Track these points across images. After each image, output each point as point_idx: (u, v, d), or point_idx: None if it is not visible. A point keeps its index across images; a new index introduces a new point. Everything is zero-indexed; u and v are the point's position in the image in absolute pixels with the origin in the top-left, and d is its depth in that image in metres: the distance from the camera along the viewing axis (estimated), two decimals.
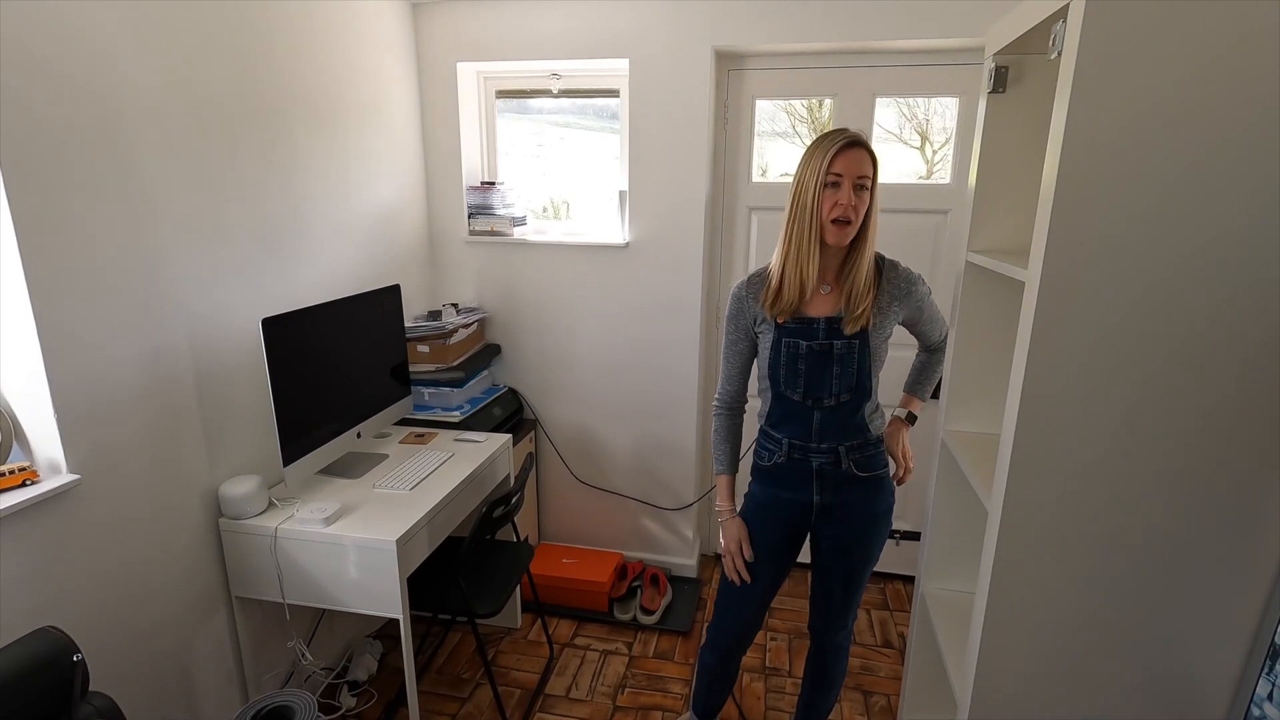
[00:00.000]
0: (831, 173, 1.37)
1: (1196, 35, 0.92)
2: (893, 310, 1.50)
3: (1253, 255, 0.98)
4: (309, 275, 2.09)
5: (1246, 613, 1.11)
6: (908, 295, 1.52)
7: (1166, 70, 0.94)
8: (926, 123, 2.55)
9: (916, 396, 1.75)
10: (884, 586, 2.82)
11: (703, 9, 2.34)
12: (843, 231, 1.40)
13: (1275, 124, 0.93)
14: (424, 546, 1.86)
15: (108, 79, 1.46)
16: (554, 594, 2.63)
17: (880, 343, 1.50)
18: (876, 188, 1.41)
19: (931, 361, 1.72)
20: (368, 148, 2.34)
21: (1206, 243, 0.99)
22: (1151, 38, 0.93)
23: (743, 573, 1.61)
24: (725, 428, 1.66)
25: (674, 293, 2.60)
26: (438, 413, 2.46)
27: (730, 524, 1.64)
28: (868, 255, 1.45)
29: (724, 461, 1.66)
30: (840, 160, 1.36)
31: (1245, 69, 0.93)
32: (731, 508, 1.65)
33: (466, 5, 2.51)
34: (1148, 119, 0.96)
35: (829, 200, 1.38)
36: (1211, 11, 0.91)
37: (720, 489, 1.66)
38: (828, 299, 1.49)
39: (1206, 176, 0.96)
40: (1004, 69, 1.42)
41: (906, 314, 1.55)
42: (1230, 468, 1.06)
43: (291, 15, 1.95)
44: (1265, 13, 0.90)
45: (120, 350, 1.53)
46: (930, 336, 1.66)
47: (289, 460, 1.78)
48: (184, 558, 1.72)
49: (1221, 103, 0.94)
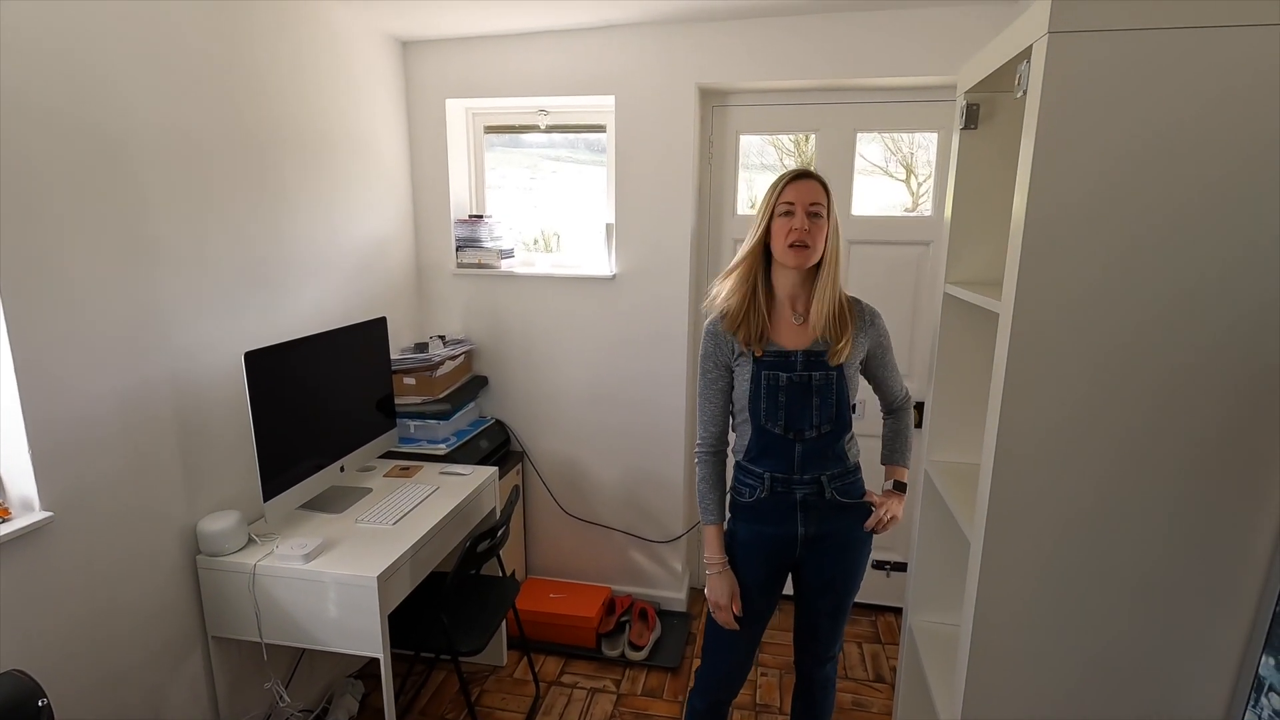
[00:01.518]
0: (783, 201, 1.44)
1: (1157, 76, 0.95)
2: (859, 341, 1.52)
3: (1224, 288, 0.99)
4: (295, 308, 2.09)
5: (1231, 645, 1.10)
6: (871, 326, 1.54)
7: (1129, 109, 0.97)
8: (912, 156, 2.61)
9: (897, 465, 1.66)
10: (875, 619, 2.79)
11: (686, 47, 2.39)
12: (802, 255, 1.44)
13: (1238, 158, 0.96)
14: (406, 582, 1.83)
15: (94, 113, 1.48)
16: (540, 630, 2.59)
17: (854, 373, 1.52)
18: (833, 218, 1.46)
19: (899, 426, 1.66)
20: (356, 183, 2.36)
21: (1177, 277, 1.00)
22: (1113, 78, 0.96)
23: (731, 625, 1.57)
24: (711, 475, 1.60)
25: (661, 325, 2.61)
26: (423, 445, 2.44)
27: (721, 578, 1.56)
28: (832, 282, 1.47)
29: (713, 511, 1.58)
30: (790, 190, 1.44)
31: (1205, 107, 0.95)
32: (723, 559, 1.57)
33: (455, 44, 2.56)
34: (1112, 155, 0.99)
35: (783, 227, 1.44)
36: (1171, 53, 0.94)
37: (710, 540, 1.57)
38: (801, 330, 1.50)
39: (1172, 212, 0.99)
40: (976, 106, 1.46)
41: (871, 347, 1.55)
42: (1209, 498, 1.06)
43: (282, 53, 1.99)
44: (1220, 53, 0.94)
45: (99, 386, 1.52)
46: (891, 388, 1.63)
47: (270, 495, 1.76)
48: (160, 597, 1.69)
49: (1184, 140, 0.97)
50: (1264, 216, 0.96)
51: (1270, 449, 1.02)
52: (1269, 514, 1.04)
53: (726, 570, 1.57)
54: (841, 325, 1.47)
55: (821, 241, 1.45)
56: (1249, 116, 0.94)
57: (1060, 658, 1.16)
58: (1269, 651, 1.04)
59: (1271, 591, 1.05)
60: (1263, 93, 0.93)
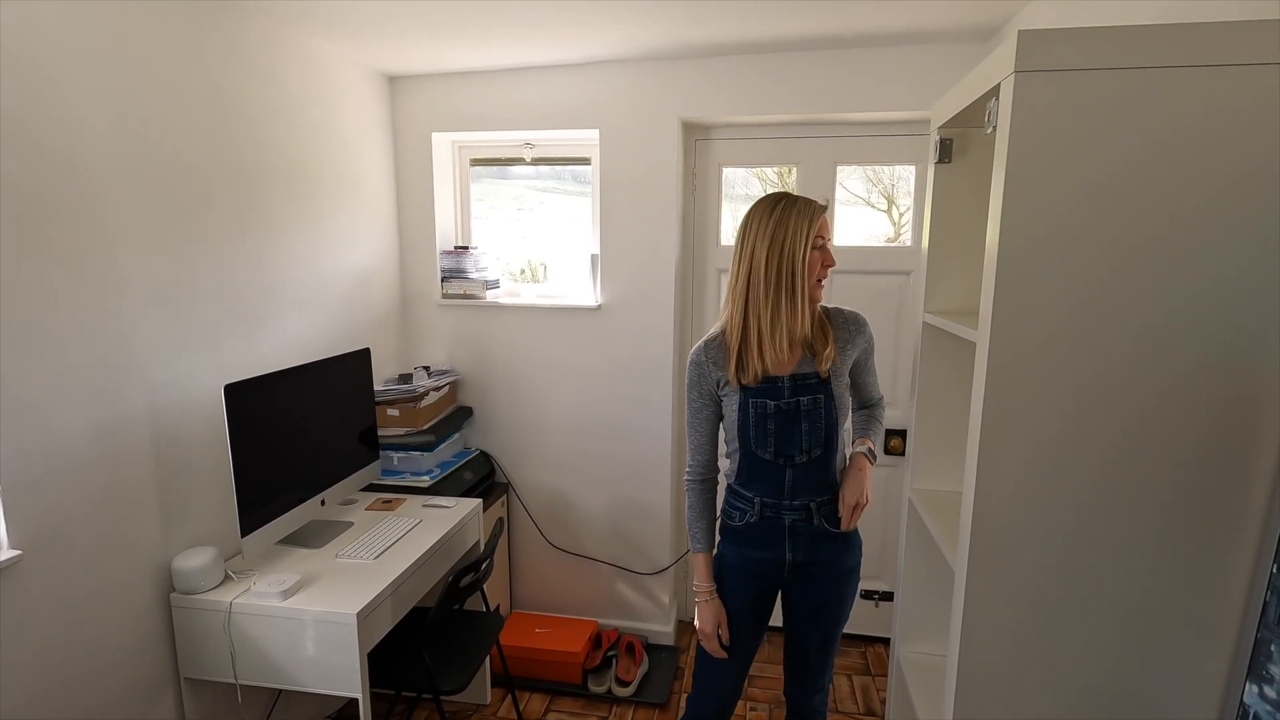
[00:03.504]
0: (820, 236, 1.44)
1: (1118, 113, 0.98)
2: (848, 350, 1.53)
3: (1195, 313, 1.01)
4: (278, 340, 2.08)
5: (1215, 673, 1.10)
6: (859, 333, 1.55)
7: (1094, 143, 1.00)
8: (893, 187, 2.66)
9: (868, 438, 1.64)
10: (865, 650, 2.76)
11: (669, 83, 2.44)
12: (822, 289, 1.48)
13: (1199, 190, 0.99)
14: (387, 619, 1.79)
15: (74, 142, 1.48)
16: (525, 666, 2.53)
17: (842, 391, 1.51)
18: None
19: (872, 416, 1.67)
20: (342, 214, 2.37)
21: (1147, 305, 1.02)
22: (1077, 114, 0.99)
23: (718, 653, 1.57)
24: (700, 503, 1.60)
25: (646, 354, 2.62)
26: (407, 477, 2.41)
27: (709, 605, 1.57)
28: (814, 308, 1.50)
29: (701, 540, 1.59)
30: (822, 224, 1.45)
31: (1164, 141, 0.98)
32: (710, 587, 1.57)
33: (442, 79, 2.60)
34: (1079, 188, 1.01)
35: (817, 262, 1.45)
36: (1130, 91, 0.98)
37: (698, 568, 1.58)
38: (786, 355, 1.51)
39: (1140, 242, 1.01)
40: (949, 141, 1.50)
41: (858, 354, 1.56)
42: (1187, 525, 1.06)
43: (269, 87, 2.01)
44: (1176, 91, 0.97)
45: (73, 420, 1.50)
46: (869, 391, 1.64)
47: (247, 530, 1.73)
48: (131, 637, 1.64)
49: (1148, 172, 0.99)
50: (1226, 244, 0.99)
51: (1245, 474, 1.03)
52: (1247, 541, 1.05)
53: (714, 598, 1.58)
54: (824, 335, 1.50)
55: None
56: (1206, 151, 0.97)
57: (1047, 689, 1.16)
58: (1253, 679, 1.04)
59: (1253, 618, 1.06)
60: (1219, 129, 0.96)
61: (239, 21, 1.89)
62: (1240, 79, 0.94)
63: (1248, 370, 1.01)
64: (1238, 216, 0.98)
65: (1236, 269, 0.99)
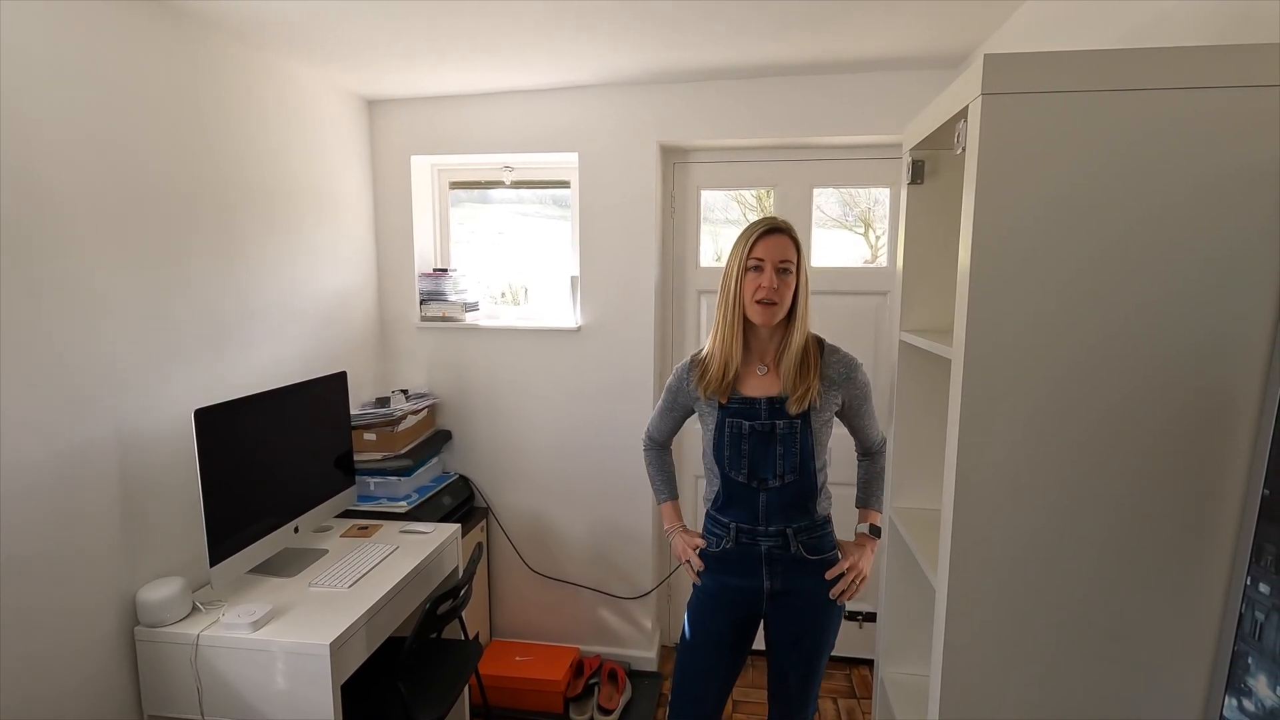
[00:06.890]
0: (753, 257, 1.44)
1: (1081, 132, 1.01)
2: (833, 394, 1.51)
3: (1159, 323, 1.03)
4: (254, 364, 2.04)
5: (1195, 687, 1.10)
6: (848, 380, 1.52)
7: (1059, 162, 1.02)
8: (870, 209, 2.70)
9: (871, 508, 1.65)
10: (850, 672, 2.73)
11: (647, 107, 2.47)
12: (768, 312, 1.45)
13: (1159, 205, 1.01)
14: (361, 649, 1.74)
15: (46, 164, 1.46)
16: (505, 696, 2.48)
17: (821, 426, 1.50)
18: (803, 271, 1.47)
19: (874, 470, 1.65)
20: (319, 238, 2.35)
21: (1113, 316, 1.04)
22: (1043, 134, 1.02)
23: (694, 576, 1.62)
24: (656, 460, 1.75)
25: (626, 375, 2.61)
26: (383, 503, 2.37)
27: (680, 536, 1.65)
28: (799, 335, 1.48)
29: (664, 490, 1.74)
30: (761, 245, 1.44)
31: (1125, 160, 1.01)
32: (679, 525, 1.68)
33: (420, 102, 2.61)
34: (1050, 208, 1.03)
35: (751, 283, 1.44)
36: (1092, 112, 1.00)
37: (666, 513, 1.72)
38: (767, 380, 1.51)
39: (1105, 256, 1.03)
40: (921, 162, 1.53)
41: (846, 399, 1.53)
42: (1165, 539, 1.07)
43: (247, 110, 2.00)
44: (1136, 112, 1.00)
45: (34, 448, 1.45)
46: (868, 435, 1.62)
47: (217, 560, 1.68)
48: (91, 673, 1.58)
49: (1112, 189, 1.02)
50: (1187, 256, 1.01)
51: (1217, 481, 1.05)
52: (1221, 557, 1.06)
53: (684, 531, 1.67)
54: (804, 376, 1.48)
55: (789, 297, 1.45)
56: (1165, 168, 1.00)
57: (1029, 706, 1.15)
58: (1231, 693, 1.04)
59: (1229, 631, 1.06)
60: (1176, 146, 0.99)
61: (217, 45, 1.89)
62: (1195, 100, 0.97)
63: (1218, 384, 1.02)
64: (1197, 228, 1.00)
65: (1200, 277, 1.01)
